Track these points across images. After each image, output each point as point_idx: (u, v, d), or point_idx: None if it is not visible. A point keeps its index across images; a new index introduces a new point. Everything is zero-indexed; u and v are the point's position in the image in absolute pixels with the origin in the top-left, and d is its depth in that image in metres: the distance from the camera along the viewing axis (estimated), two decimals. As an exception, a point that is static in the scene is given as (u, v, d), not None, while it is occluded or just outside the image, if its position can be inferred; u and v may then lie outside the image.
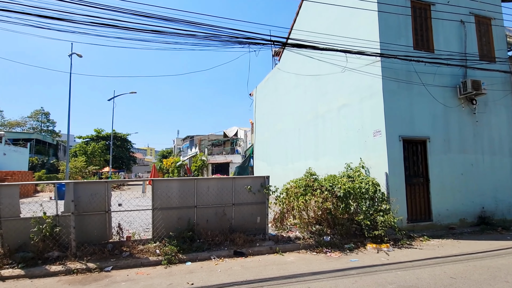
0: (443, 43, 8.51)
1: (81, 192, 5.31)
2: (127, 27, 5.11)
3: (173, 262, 5.11)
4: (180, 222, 5.78)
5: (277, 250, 5.77)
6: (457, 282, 4.22)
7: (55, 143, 44.34)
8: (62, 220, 5.22)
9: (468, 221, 8.07)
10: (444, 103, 8.24)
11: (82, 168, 27.27)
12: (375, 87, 7.86)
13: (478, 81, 8.20)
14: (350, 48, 7.28)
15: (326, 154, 10.12)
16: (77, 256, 5.03)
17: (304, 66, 11.78)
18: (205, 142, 37.10)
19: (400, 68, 7.79)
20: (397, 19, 8.04)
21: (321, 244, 6.06)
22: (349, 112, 8.97)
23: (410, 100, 7.90)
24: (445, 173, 8.03)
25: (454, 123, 8.35)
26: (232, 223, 6.17)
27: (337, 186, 6.70)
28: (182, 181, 6.09)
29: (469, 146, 8.44)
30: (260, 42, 6.00)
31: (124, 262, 5.00)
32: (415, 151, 7.98)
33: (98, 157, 35.31)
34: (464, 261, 5.19)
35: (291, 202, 6.51)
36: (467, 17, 8.91)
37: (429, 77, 8.09)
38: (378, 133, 7.72)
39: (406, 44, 7.97)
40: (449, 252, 5.82)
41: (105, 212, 5.46)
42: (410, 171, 7.83)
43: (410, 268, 4.86)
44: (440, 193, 7.88)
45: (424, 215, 7.76)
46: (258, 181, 6.44)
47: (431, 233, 7.22)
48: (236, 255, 5.52)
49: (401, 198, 7.34)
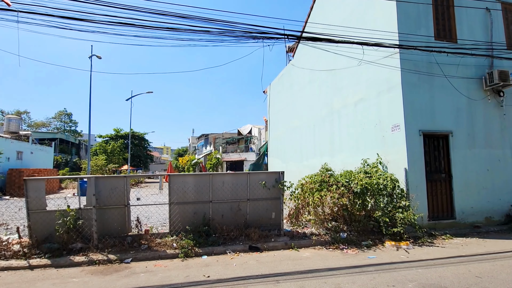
0: (467, 32, 8.09)
1: (102, 186, 5.49)
2: (144, 25, 5.22)
3: (190, 256, 5.19)
4: (196, 217, 5.86)
5: (292, 245, 5.72)
6: (483, 281, 4.02)
7: (77, 143, 46.26)
8: (85, 213, 5.43)
9: (494, 219, 7.67)
10: (468, 96, 7.85)
11: (103, 166, 28.28)
12: (394, 80, 7.60)
13: (506, 71, 7.74)
14: (367, 40, 7.07)
15: (342, 151, 9.93)
16: (99, 248, 5.22)
17: (319, 61, 11.59)
18: (219, 140, 37.45)
19: (420, 60, 7.49)
20: (417, 8, 7.72)
21: (337, 241, 5.95)
22: (365, 107, 8.74)
23: (431, 93, 7.59)
24: (469, 169, 7.66)
25: (479, 117, 7.94)
26: (247, 218, 6.19)
27: (353, 181, 6.55)
28: (197, 176, 6.17)
29: (495, 141, 8.00)
30: (274, 36, 5.95)
31: (143, 255, 5.13)
32: (436, 146, 7.66)
33: (117, 156, 36.49)
34: (491, 260, 4.94)
35: (306, 198, 6.44)
36: (493, 4, 8.42)
37: (451, 69, 7.73)
38: (397, 127, 7.47)
39: (426, 35, 7.64)
40: (474, 251, 5.56)
41: (124, 206, 5.63)
42: (431, 166, 7.53)
43: (432, 266, 4.68)
44: (463, 190, 7.52)
45: (446, 213, 7.44)
46: (273, 177, 6.41)
47: (454, 232, 6.92)
48: (251, 250, 5.53)
49: (421, 194, 7.07)
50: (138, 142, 45.11)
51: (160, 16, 5.43)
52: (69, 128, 54.70)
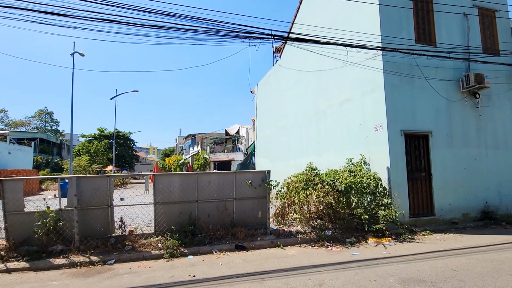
0: (446, 36, 8.42)
1: (84, 186, 5.36)
2: (128, 22, 5.12)
3: (175, 256, 5.15)
4: (182, 217, 5.82)
5: (278, 244, 5.78)
6: (459, 274, 4.20)
7: (59, 142, 44.70)
8: (66, 214, 5.28)
9: (471, 216, 8.02)
10: (446, 97, 8.18)
11: (86, 167, 27.49)
12: (377, 81, 7.81)
13: (481, 74, 8.12)
14: (352, 42, 7.24)
15: (328, 150, 10.10)
16: (80, 250, 5.09)
17: (305, 62, 11.73)
18: (207, 140, 37.19)
19: (402, 62, 7.74)
20: (399, 12, 7.97)
21: (322, 238, 6.06)
22: (350, 107, 8.93)
23: (412, 94, 7.85)
24: (448, 168, 7.98)
25: (457, 117, 8.28)
26: (234, 217, 6.19)
27: (338, 180, 6.69)
28: (183, 176, 6.12)
29: (472, 141, 8.37)
30: (261, 36, 5.99)
31: (127, 256, 5.04)
32: (417, 146, 7.93)
33: (101, 156, 35.55)
34: (467, 255, 5.17)
35: (292, 197, 6.52)
36: (470, 9, 8.81)
37: (431, 71, 8.02)
38: (380, 127, 7.68)
39: (407, 38, 7.91)
40: (451, 245, 5.80)
41: (107, 207, 5.51)
42: (412, 165, 7.79)
43: (412, 261, 4.85)
44: (442, 188, 7.83)
45: (426, 210, 7.72)
46: (259, 176, 6.45)
47: (434, 228, 7.19)
48: (238, 249, 5.55)
49: (403, 192, 7.30)
50: (123, 142, 44.09)
51: (145, 13, 5.35)
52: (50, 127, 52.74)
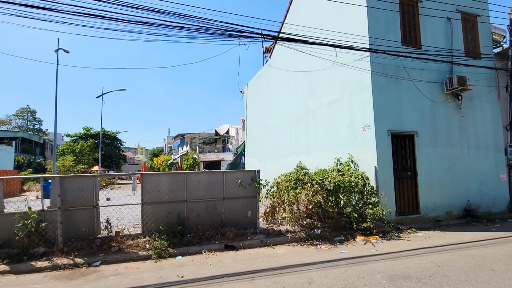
0: (430, 39, 8.67)
1: (68, 186, 5.19)
2: (115, 18, 5.00)
3: (163, 256, 5.06)
4: (170, 217, 5.73)
5: (268, 243, 5.78)
6: (443, 270, 4.33)
7: (42, 142, 43.25)
8: (48, 215, 5.10)
9: (454, 213, 8.28)
10: (431, 98, 8.41)
11: (71, 167, 26.65)
12: (365, 82, 7.95)
13: (463, 77, 8.40)
14: (341, 43, 7.33)
15: (317, 150, 10.20)
16: (64, 252, 4.93)
17: (295, 62, 11.81)
18: (196, 140, 36.86)
19: (389, 64, 7.90)
20: (386, 15, 8.14)
21: (312, 237, 6.11)
22: (339, 107, 9.05)
23: (398, 95, 8.03)
24: (432, 167, 8.20)
25: (441, 118, 8.53)
26: (223, 217, 6.15)
27: (327, 179, 6.76)
28: (172, 175, 6.03)
29: (455, 141, 8.64)
30: (251, 35, 5.98)
31: (113, 257, 4.92)
32: (403, 145, 8.12)
33: (87, 156, 34.59)
34: (450, 251, 5.33)
35: (281, 196, 6.54)
36: (454, 14, 9.10)
37: (416, 73, 8.24)
38: (367, 127, 7.82)
39: (394, 40, 8.08)
40: (435, 242, 5.96)
41: (93, 207, 5.36)
42: (399, 165, 7.97)
43: (398, 258, 4.95)
44: (427, 187, 8.05)
45: (412, 208, 7.92)
46: (249, 175, 6.43)
47: (419, 226, 7.37)
48: (227, 249, 5.51)
49: (389, 191, 7.46)
50: (110, 141, 43.10)
51: (133, 9, 5.25)
52: (32, 126, 50.97)
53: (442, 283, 3.83)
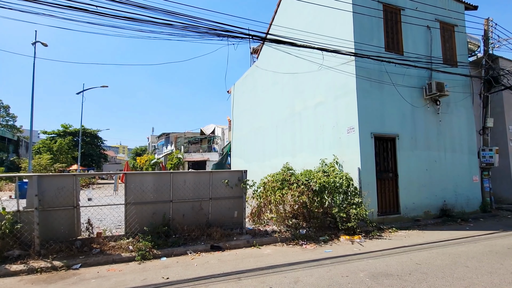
0: (412, 46, 9.03)
1: (46, 186, 4.96)
2: (98, 12, 4.84)
3: (148, 258, 4.95)
4: (155, 217, 5.61)
5: (254, 243, 5.80)
6: (421, 267, 4.51)
7: (16, 139, 41.05)
8: (24, 216, 4.85)
9: (431, 213, 8.65)
10: (411, 103, 8.76)
11: (47, 166, 25.46)
12: (349, 86, 8.15)
13: (442, 83, 8.81)
14: (327, 46, 7.48)
15: (302, 151, 10.34)
16: (41, 255, 4.71)
17: (282, 64, 11.92)
18: (181, 140, 36.30)
19: (373, 68, 8.15)
20: (370, 21, 8.39)
21: (297, 237, 6.18)
22: (324, 110, 9.23)
23: (381, 99, 8.30)
24: (412, 169, 8.54)
25: (420, 122, 8.90)
26: (209, 217, 6.11)
27: (313, 180, 6.87)
28: (157, 175, 5.91)
29: (433, 144, 9.04)
30: (239, 35, 5.98)
31: (94, 259, 4.76)
32: (385, 148, 8.40)
33: (65, 154, 33.18)
34: (428, 249, 5.57)
35: (268, 196, 6.58)
36: (433, 23, 9.53)
37: (398, 78, 8.55)
38: (352, 130, 8.02)
39: (378, 46, 8.35)
40: (414, 241, 6.21)
41: (73, 208, 5.16)
42: (381, 166, 8.23)
43: (380, 256, 5.12)
44: (407, 188, 8.36)
45: (393, 208, 8.20)
46: (236, 175, 6.42)
47: (399, 225, 7.65)
48: (213, 249, 5.48)
49: (372, 192, 7.69)
50: (90, 139, 41.59)
51: (118, 4, 5.10)
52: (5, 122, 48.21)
53: (421, 280, 4.00)
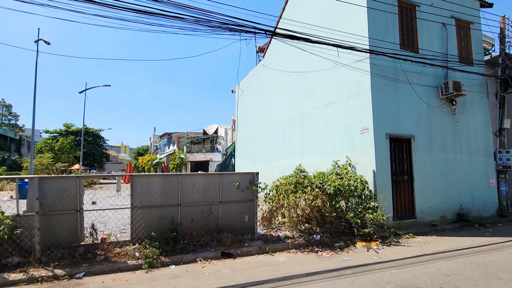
0: (427, 44, 8.68)
1: (48, 188, 4.66)
2: (105, 3, 4.54)
3: (155, 266, 4.64)
4: (163, 222, 5.30)
5: (266, 250, 5.47)
6: (452, 279, 4.18)
7: (18, 138, 40.92)
8: (25, 220, 4.55)
9: (448, 218, 8.30)
10: (427, 103, 8.41)
11: (49, 165, 25.26)
12: (363, 85, 7.82)
13: (459, 82, 8.45)
14: (341, 43, 7.15)
15: (312, 152, 10.01)
16: (42, 262, 4.40)
17: (290, 62, 11.60)
18: (184, 140, 36.02)
19: (388, 66, 7.81)
20: (385, 17, 8.06)
21: (311, 243, 5.86)
22: (336, 110, 8.90)
23: (396, 99, 7.96)
24: (428, 171, 8.19)
25: (436, 123, 8.55)
26: (219, 222, 5.78)
27: (327, 183, 6.54)
28: (165, 177, 5.60)
29: (449, 146, 8.69)
30: (251, 30, 5.67)
31: (99, 267, 4.44)
32: (400, 149, 8.05)
33: (67, 154, 32.98)
34: (453, 258, 5.22)
35: (280, 200, 6.25)
36: (449, 20, 9.18)
37: (414, 76, 8.20)
38: (366, 130, 7.69)
39: (393, 42, 8.01)
40: (435, 248, 5.86)
41: (76, 211, 4.85)
42: (396, 169, 7.88)
43: (403, 266, 4.78)
44: (423, 191, 8.01)
45: (408, 213, 7.85)
46: (247, 178, 6.10)
47: (416, 230, 7.30)
48: (224, 256, 5.16)
49: (387, 195, 7.34)
50: (92, 139, 41.44)
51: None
52: (8, 121, 48.17)
53: (455, 295, 3.67)
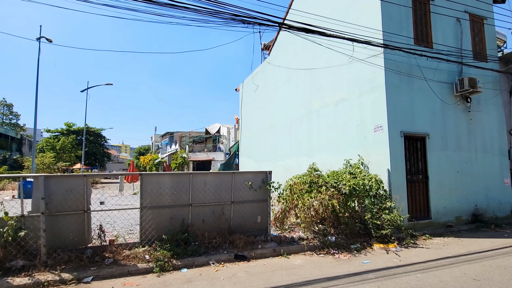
0: (441, 39, 8.41)
1: (54, 187, 4.43)
2: (115, -7, 4.31)
3: (167, 269, 4.40)
4: (173, 223, 5.06)
5: (281, 252, 5.24)
6: (482, 284, 3.94)
7: (19, 137, 40.77)
8: (29, 221, 4.32)
9: (463, 218, 8.05)
10: (442, 100, 8.16)
11: (51, 165, 25.07)
12: (377, 81, 7.57)
13: (474, 79, 8.20)
14: (355, 37, 6.90)
15: (321, 151, 9.76)
16: (48, 265, 4.18)
17: (297, 59, 11.35)
18: (186, 139, 35.79)
19: (402, 61, 7.56)
20: (399, 11, 7.81)
21: (327, 245, 5.62)
22: (347, 107, 8.64)
23: (411, 95, 7.71)
24: (443, 171, 7.94)
25: (451, 120, 8.30)
26: (231, 223, 5.55)
27: (341, 182, 6.30)
28: (175, 176, 5.36)
29: (464, 144, 8.43)
30: (265, 23, 5.43)
31: (108, 271, 4.21)
32: (414, 148, 7.80)
33: (68, 153, 32.81)
34: (477, 261, 4.98)
35: (294, 200, 6.01)
36: (463, 14, 8.92)
37: (429, 72, 7.95)
38: (380, 128, 7.44)
39: (407, 36, 7.75)
40: (456, 251, 5.62)
41: (83, 212, 4.62)
42: (410, 168, 7.63)
43: (428, 270, 4.54)
44: (438, 191, 7.76)
45: (423, 213, 7.60)
46: (260, 177, 5.86)
47: (432, 231, 7.06)
48: (237, 259, 4.92)
49: (402, 195, 7.10)
50: (93, 138, 41.26)
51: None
52: (9, 121, 48.05)
53: (490, 302, 3.43)
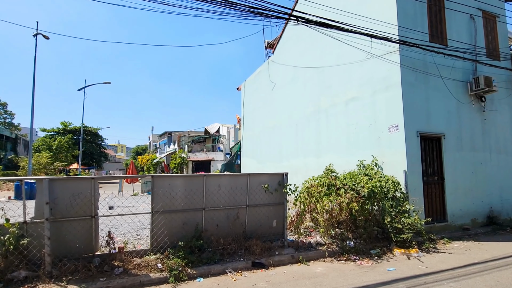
0: (456, 36, 8.19)
1: (59, 191, 4.09)
2: (126, -19, 3.99)
3: (182, 279, 4.09)
4: (186, 228, 4.75)
5: (300, 259, 4.95)
6: (522, 294, 3.69)
7: (14, 137, 39.99)
8: (32, 228, 3.98)
9: (478, 221, 7.83)
10: (457, 99, 7.93)
11: (47, 165, 24.55)
12: (392, 79, 7.31)
13: (490, 78, 7.99)
14: (373, 32, 6.63)
15: (329, 151, 9.49)
16: (53, 276, 3.84)
17: (303, 57, 11.07)
18: (185, 139, 35.38)
19: (418, 59, 7.31)
20: (414, 7, 7.57)
21: (346, 250, 5.34)
22: (358, 106, 8.38)
23: (426, 94, 7.47)
24: (458, 172, 7.71)
25: (466, 120, 8.08)
26: (246, 228, 5.25)
27: (359, 184, 6.03)
28: (188, 178, 5.04)
29: (478, 144, 8.22)
30: (283, 16, 5.14)
31: (118, 282, 3.89)
32: (430, 148, 7.56)
33: (64, 153, 32.22)
34: (507, 267, 4.74)
35: (312, 203, 5.72)
36: (476, 11, 8.71)
37: (445, 71, 7.72)
38: (395, 128, 7.18)
39: (422, 34, 7.52)
40: (480, 256, 5.38)
41: (91, 217, 4.28)
42: (426, 169, 7.39)
43: (459, 278, 4.28)
44: (454, 193, 7.54)
45: (439, 216, 7.37)
46: (276, 179, 5.57)
47: (449, 235, 6.83)
48: (255, 267, 4.62)
49: (419, 198, 6.85)
50: (90, 138, 40.66)
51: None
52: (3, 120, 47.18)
53: (537, 315, 3.17)
